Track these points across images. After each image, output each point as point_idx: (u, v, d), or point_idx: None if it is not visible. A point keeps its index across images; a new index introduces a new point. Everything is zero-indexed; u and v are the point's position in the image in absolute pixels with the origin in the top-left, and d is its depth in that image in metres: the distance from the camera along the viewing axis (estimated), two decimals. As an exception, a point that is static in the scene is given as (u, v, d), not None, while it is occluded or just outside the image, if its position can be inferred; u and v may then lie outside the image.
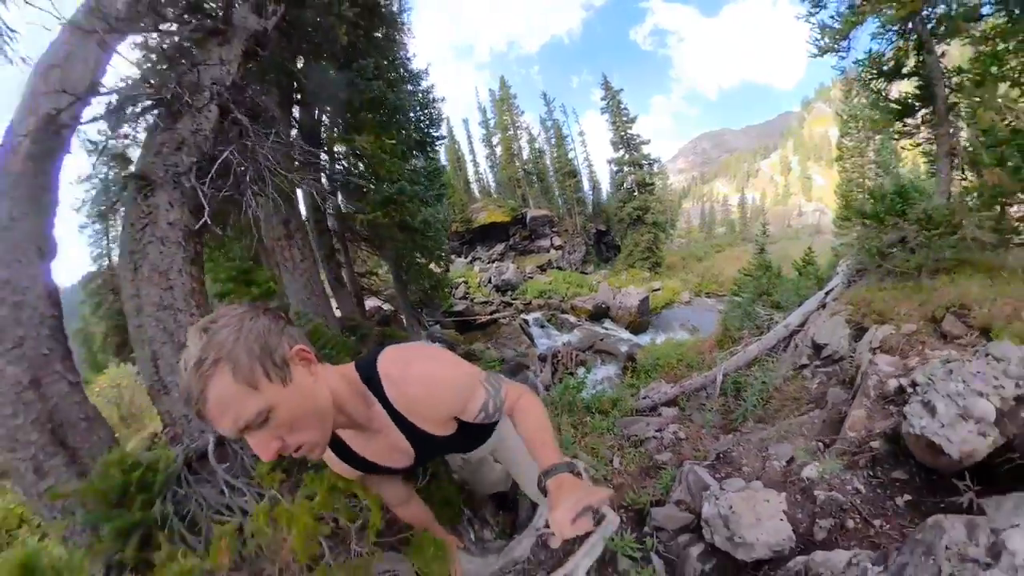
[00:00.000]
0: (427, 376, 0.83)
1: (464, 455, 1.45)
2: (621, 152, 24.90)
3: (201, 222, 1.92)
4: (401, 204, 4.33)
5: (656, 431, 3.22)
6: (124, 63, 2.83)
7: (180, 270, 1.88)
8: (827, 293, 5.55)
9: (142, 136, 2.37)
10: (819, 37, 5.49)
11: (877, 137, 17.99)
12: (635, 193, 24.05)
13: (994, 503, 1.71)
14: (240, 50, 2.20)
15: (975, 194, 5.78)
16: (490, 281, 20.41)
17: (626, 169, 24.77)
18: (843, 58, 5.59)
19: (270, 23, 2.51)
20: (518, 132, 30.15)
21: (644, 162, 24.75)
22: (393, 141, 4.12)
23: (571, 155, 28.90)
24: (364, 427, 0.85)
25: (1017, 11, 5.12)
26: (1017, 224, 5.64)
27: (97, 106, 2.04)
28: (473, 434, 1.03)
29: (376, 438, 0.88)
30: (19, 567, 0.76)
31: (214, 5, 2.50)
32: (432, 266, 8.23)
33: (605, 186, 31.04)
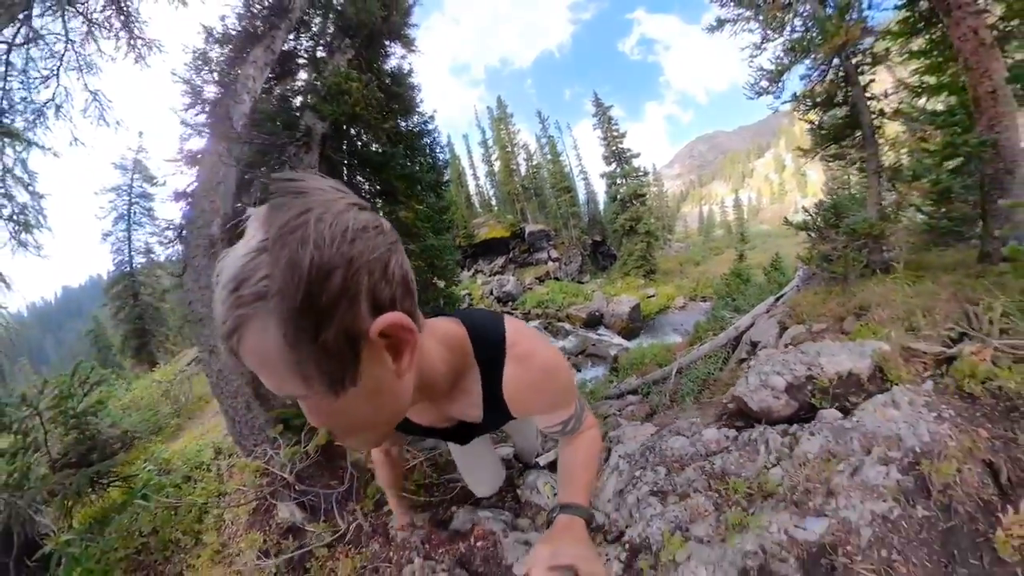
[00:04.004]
0: (551, 368, 0.75)
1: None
2: (613, 166, 25.98)
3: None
4: (430, 252, 5.31)
5: (617, 410, 4.09)
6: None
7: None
8: (778, 298, 6.37)
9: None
10: (756, 81, 6.42)
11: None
12: (628, 204, 25.00)
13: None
14: (318, 154, 3.21)
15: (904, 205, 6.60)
16: (492, 293, 21.35)
17: (619, 182, 25.80)
18: (777, 97, 6.51)
19: (325, 126, 3.52)
20: (516, 150, 31.49)
21: (635, 174, 25.79)
22: (422, 206, 5.16)
23: (566, 170, 30.12)
24: (436, 398, 0.69)
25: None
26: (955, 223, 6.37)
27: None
28: None
29: (440, 404, 0.75)
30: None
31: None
32: (442, 284, 9.19)
33: (601, 196, 32.22)
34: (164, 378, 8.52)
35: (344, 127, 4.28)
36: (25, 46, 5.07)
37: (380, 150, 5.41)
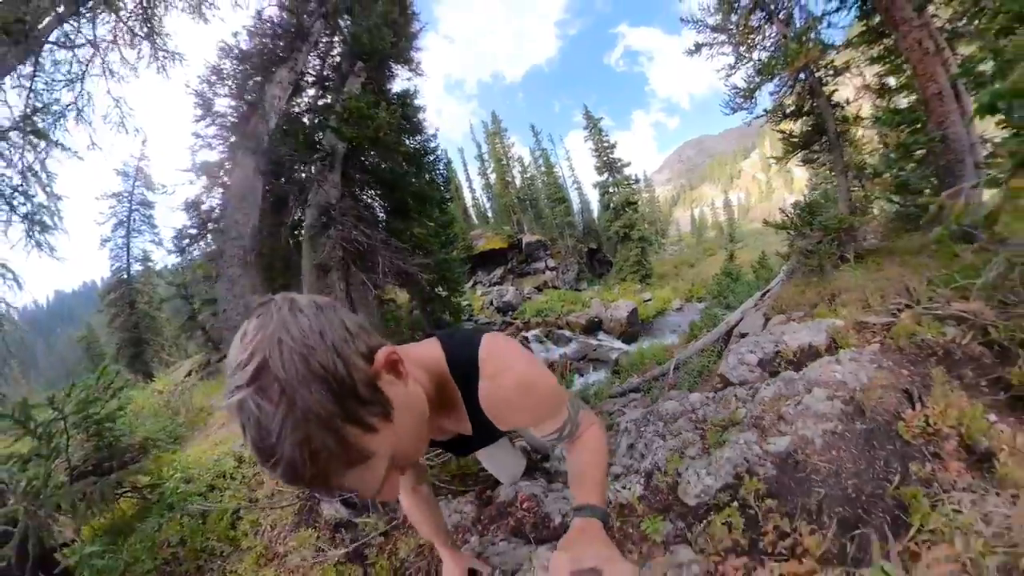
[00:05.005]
0: (526, 384, 0.76)
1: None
2: (605, 176, 26.82)
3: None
4: (442, 266, 5.67)
5: (621, 407, 4.48)
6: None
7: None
8: (764, 294, 6.84)
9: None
10: (731, 98, 7.05)
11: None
12: (621, 212, 25.71)
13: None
14: (340, 172, 3.65)
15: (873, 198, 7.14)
16: (492, 303, 21.74)
17: (611, 191, 26.58)
18: (751, 112, 7.15)
19: (345, 146, 3.99)
20: (510, 162, 32.40)
21: (627, 183, 26.61)
22: (432, 224, 5.56)
23: (560, 180, 31.01)
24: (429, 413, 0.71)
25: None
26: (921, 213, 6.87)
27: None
28: None
29: (434, 418, 0.76)
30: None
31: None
32: (446, 294, 9.57)
33: (595, 205, 33.08)
34: (164, 388, 8.52)
35: (363, 148, 4.74)
36: (61, 48, 5.08)
37: (391, 168, 5.89)
